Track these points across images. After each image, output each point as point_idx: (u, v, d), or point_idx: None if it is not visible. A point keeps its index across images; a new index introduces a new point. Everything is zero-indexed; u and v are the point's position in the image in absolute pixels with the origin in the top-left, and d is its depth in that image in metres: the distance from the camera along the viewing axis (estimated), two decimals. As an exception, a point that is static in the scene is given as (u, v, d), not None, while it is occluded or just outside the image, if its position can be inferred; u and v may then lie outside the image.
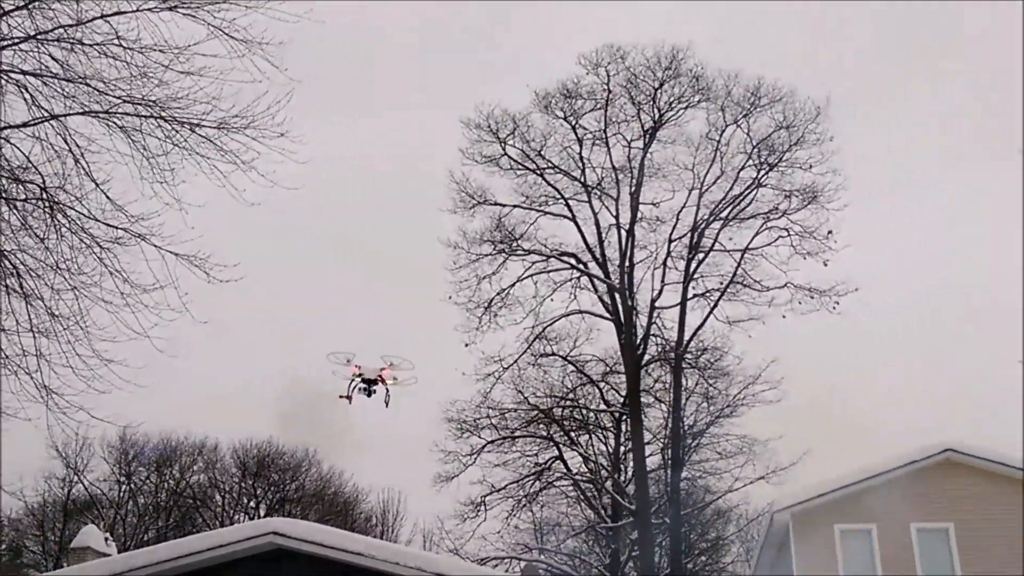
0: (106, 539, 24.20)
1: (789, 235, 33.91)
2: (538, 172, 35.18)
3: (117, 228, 15.59)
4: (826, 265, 33.27)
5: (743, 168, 34.77)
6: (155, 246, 15.70)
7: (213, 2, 16.32)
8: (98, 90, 16.12)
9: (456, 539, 36.22)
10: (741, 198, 34.79)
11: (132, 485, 55.94)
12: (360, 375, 19.60)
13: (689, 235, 35.00)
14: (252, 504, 57.60)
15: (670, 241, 35.09)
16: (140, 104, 16.15)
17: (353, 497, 58.64)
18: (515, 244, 34.72)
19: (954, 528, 25.33)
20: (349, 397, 19.66)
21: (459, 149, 35.28)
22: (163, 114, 16.14)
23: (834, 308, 33.29)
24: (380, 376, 19.99)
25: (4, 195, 15.44)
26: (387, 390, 20.39)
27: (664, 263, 35.00)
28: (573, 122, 35.16)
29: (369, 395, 19.40)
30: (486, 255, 34.43)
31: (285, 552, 20.63)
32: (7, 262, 15.39)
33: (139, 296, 15.18)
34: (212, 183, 16.27)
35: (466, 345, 33.86)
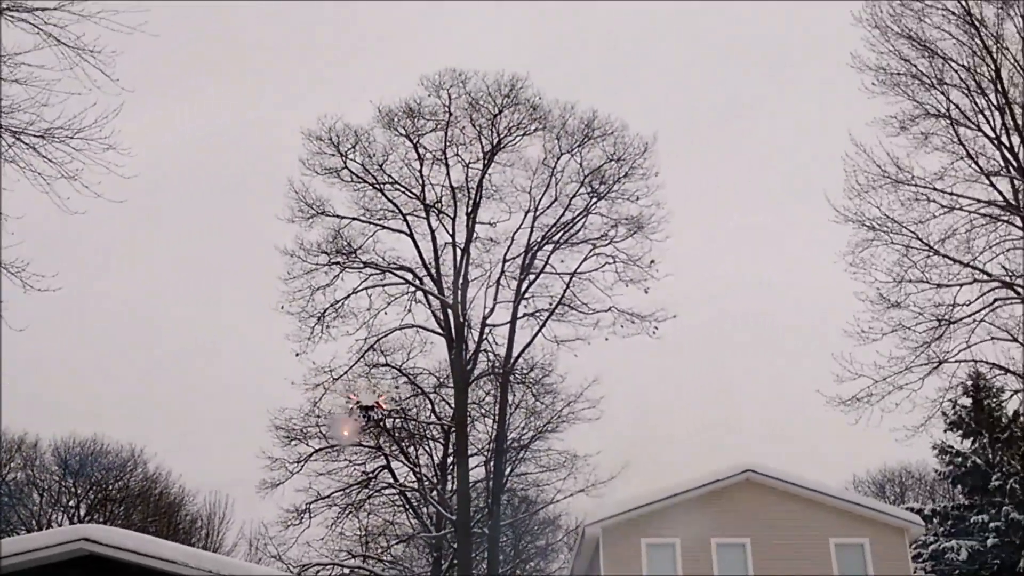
0: (-96, 541, 23.33)
1: (615, 262, 35.88)
2: (378, 187, 35.81)
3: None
4: (647, 292, 35.34)
5: (575, 195, 36.52)
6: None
7: (46, 8, 16.40)
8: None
9: (280, 545, 36.34)
10: (572, 224, 36.51)
11: (-60, 480, 53.16)
12: (358, 403, 20.09)
13: (522, 256, 36.47)
14: (72, 504, 55.56)
15: (504, 261, 36.49)
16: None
17: (179, 499, 57.38)
18: (352, 256, 35.21)
19: (751, 543, 27.32)
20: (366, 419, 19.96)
21: (300, 159, 35.58)
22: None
23: (653, 332, 35.43)
24: (377, 403, 20.64)
25: None
26: (384, 412, 21.14)
27: (497, 282, 36.41)
28: (415, 140, 35.97)
29: (368, 420, 19.92)
30: (322, 266, 34.84)
31: (97, 559, 20.62)
32: None
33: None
34: (35, 190, 16.29)
35: (296, 355, 34.17)
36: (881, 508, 28.73)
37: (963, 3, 30.26)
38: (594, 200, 36.29)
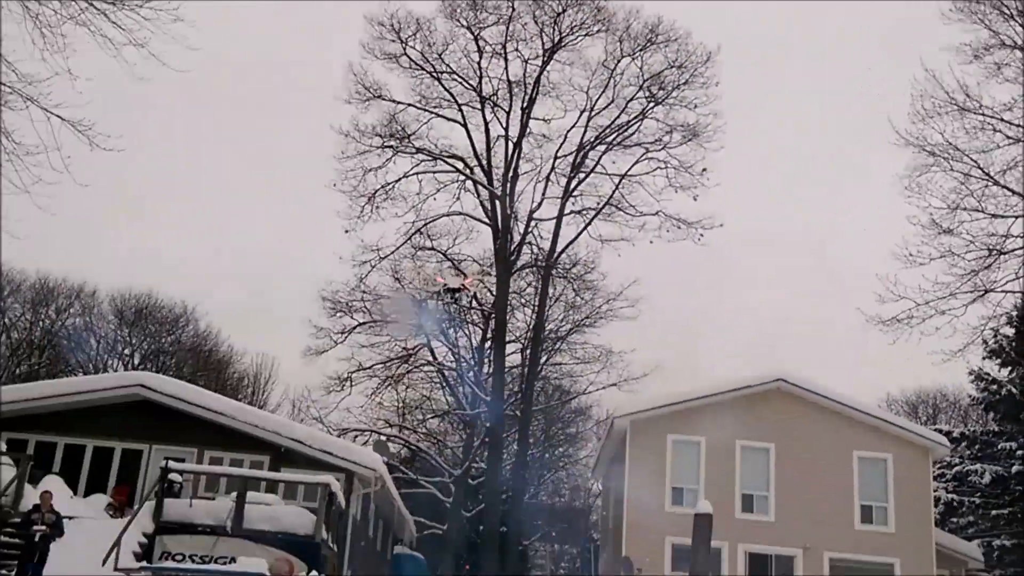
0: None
1: (666, 167, 36.00)
2: (435, 75, 35.98)
3: (5, 86, 16.14)
4: (696, 200, 35.48)
5: (632, 99, 36.39)
6: (43, 108, 16.33)
7: None
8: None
9: (321, 408, 38.08)
10: (627, 126, 36.56)
11: (6, 320, 55.66)
12: (445, 285, 20.97)
13: (574, 155, 36.70)
14: (127, 352, 58.00)
15: (555, 157, 36.78)
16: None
17: (228, 357, 59.60)
18: (406, 141, 35.65)
19: (775, 449, 28.27)
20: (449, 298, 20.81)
21: (360, 43, 35.71)
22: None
23: (699, 239, 35.72)
24: (463, 285, 21.55)
25: None
26: (470, 294, 21.95)
27: (547, 177, 36.79)
28: (476, 32, 35.88)
29: (455, 302, 20.82)
30: (375, 148, 35.33)
31: (151, 404, 22.12)
32: None
33: (22, 156, 15.86)
34: (104, 54, 16.85)
35: (346, 231, 35.07)
36: (907, 426, 29.40)
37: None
38: (651, 105, 36.21)
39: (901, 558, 26.84)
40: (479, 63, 36.12)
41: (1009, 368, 36.61)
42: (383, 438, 39.02)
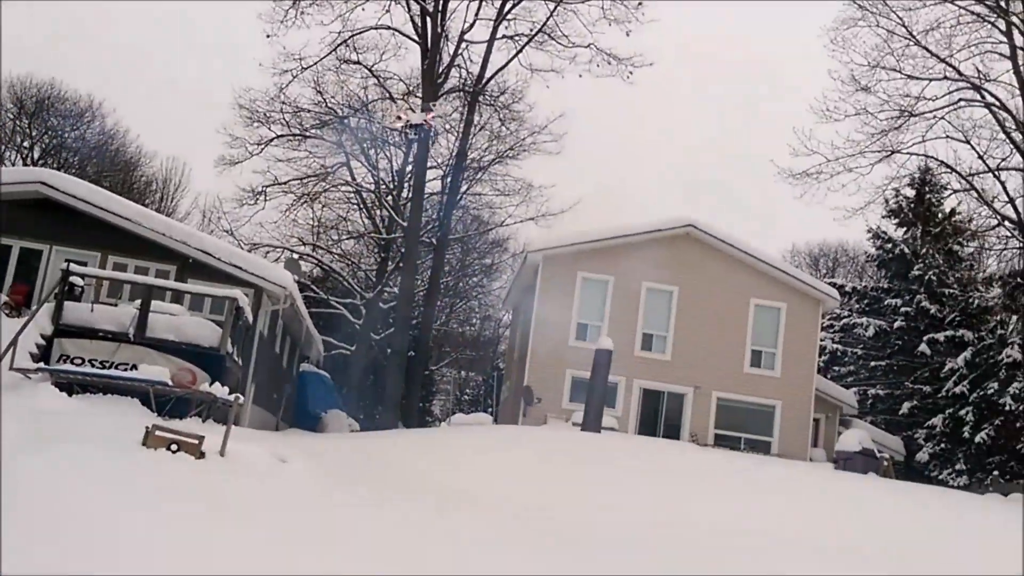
0: None
1: (603, -4, 34.78)
2: None
3: None
4: (628, 35, 34.69)
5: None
6: None
7: None
8: None
9: (233, 221, 37.37)
10: (567, -50, 34.95)
11: None
12: (408, 122, 20.24)
13: (510, -26, 35.14)
14: (25, 145, 55.41)
15: (491, -24, 35.15)
16: None
17: (135, 159, 57.37)
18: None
19: (678, 292, 29.03)
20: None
21: None
22: None
23: (628, 76, 35.19)
24: (426, 120, 20.94)
25: None
26: (433, 128, 21.39)
27: (480, -3, 35.20)
28: None
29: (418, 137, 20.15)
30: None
31: (53, 203, 21.27)
32: None
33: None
34: None
35: (267, 36, 33.40)
36: (802, 277, 30.47)
37: None
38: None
39: (783, 401, 28.39)
40: None
41: (905, 228, 38.03)
42: (295, 256, 38.71)
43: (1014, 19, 29.83)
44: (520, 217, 40.58)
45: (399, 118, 22.06)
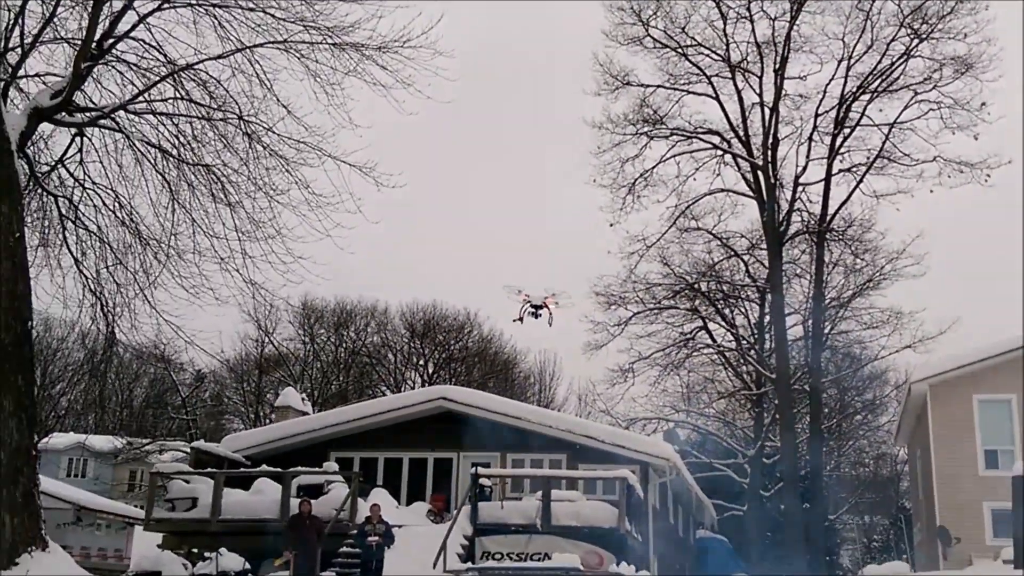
0: (303, 399, 28.14)
1: (940, 107, 33.42)
2: (681, 51, 35.41)
3: (301, 143, 18.00)
4: (977, 139, 32.89)
5: (893, 39, 34.01)
6: (332, 157, 18.04)
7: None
8: (275, 17, 18.32)
9: (607, 400, 38.99)
10: (891, 70, 34.22)
11: (315, 345, 61.45)
12: (529, 301, 22.30)
13: (836, 109, 34.94)
14: (421, 363, 62.18)
15: (816, 116, 35.14)
16: (314, 31, 18.28)
17: (512, 357, 62.33)
18: (659, 124, 35.43)
19: (1096, 396, 25.91)
20: (521, 319, 22.50)
21: (602, 31, 35.98)
22: (333, 39, 18.23)
23: (985, 180, 33.09)
24: (545, 302, 22.78)
25: (208, 117, 18.09)
26: (550, 313, 23.18)
27: (810, 138, 35.26)
28: (717, -3, 35.05)
29: (536, 317, 22.17)
30: (629, 136, 35.39)
31: (452, 414, 23.83)
32: (215, 174, 18.16)
33: (322, 204, 17.64)
34: (375, 96, 18.34)
35: (611, 225, 35.54)
36: None
37: None
38: (915, 42, 33.69)
39: None
40: (724, 30, 35.09)
41: None
42: (671, 425, 39.37)
43: None
44: (894, 347, 38.48)
45: (522, 307, 22.82)
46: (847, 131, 35.05)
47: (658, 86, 35.89)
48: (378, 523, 17.56)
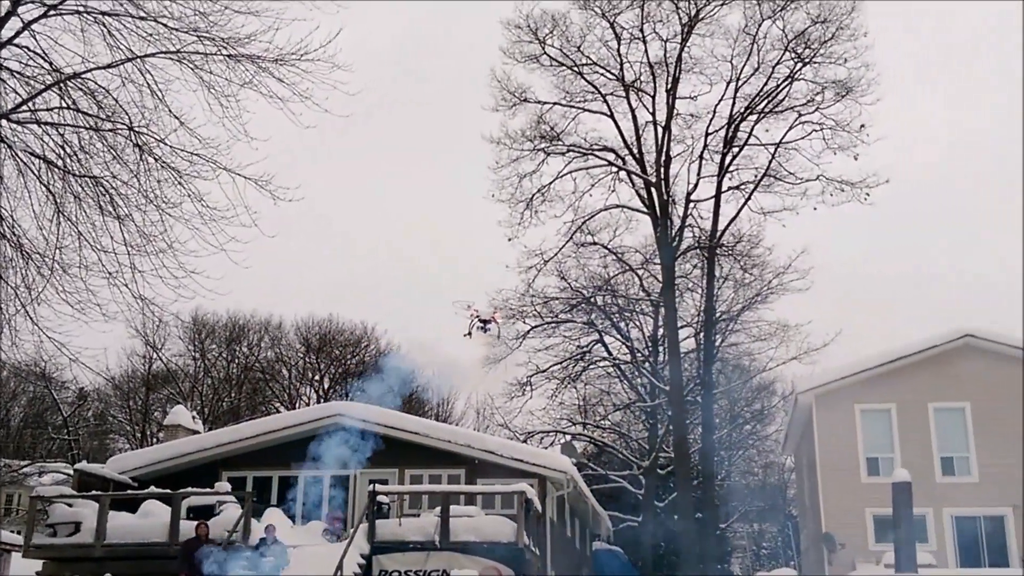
0: (193, 417, 27.38)
1: (822, 129, 34.91)
2: (577, 69, 36.08)
3: (194, 155, 17.58)
4: (856, 159, 34.36)
5: (778, 62, 35.41)
6: (227, 170, 17.67)
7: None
8: (167, 27, 17.89)
9: (505, 414, 39.22)
10: (776, 92, 35.59)
11: (206, 361, 59.83)
12: (478, 316, 22.39)
13: (725, 129, 36.11)
14: (316, 378, 61.17)
15: (706, 135, 36.25)
16: (208, 42, 17.91)
17: (412, 371, 61.65)
18: (555, 141, 36.01)
19: (970, 408, 27.25)
20: (470, 333, 22.56)
21: (500, 48, 36.39)
22: (228, 51, 17.91)
23: (865, 199, 34.61)
24: (493, 316, 22.92)
25: (96, 128, 17.52)
26: (499, 326, 23.29)
27: (700, 156, 36.30)
28: (611, 19, 35.73)
29: (485, 331, 22.30)
30: (527, 152, 35.87)
31: (348, 429, 23.49)
32: (103, 186, 17.59)
33: (216, 218, 17.26)
34: (272, 109, 18.08)
35: (509, 239, 35.89)
36: None
37: None
38: (799, 66, 35.16)
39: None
40: (618, 50, 35.99)
41: None
42: (568, 437, 39.80)
43: None
44: (781, 359, 39.89)
45: (471, 322, 23.48)
46: (736, 150, 36.28)
47: (555, 103, 36.56)
48: (273, 544, 17.27)
